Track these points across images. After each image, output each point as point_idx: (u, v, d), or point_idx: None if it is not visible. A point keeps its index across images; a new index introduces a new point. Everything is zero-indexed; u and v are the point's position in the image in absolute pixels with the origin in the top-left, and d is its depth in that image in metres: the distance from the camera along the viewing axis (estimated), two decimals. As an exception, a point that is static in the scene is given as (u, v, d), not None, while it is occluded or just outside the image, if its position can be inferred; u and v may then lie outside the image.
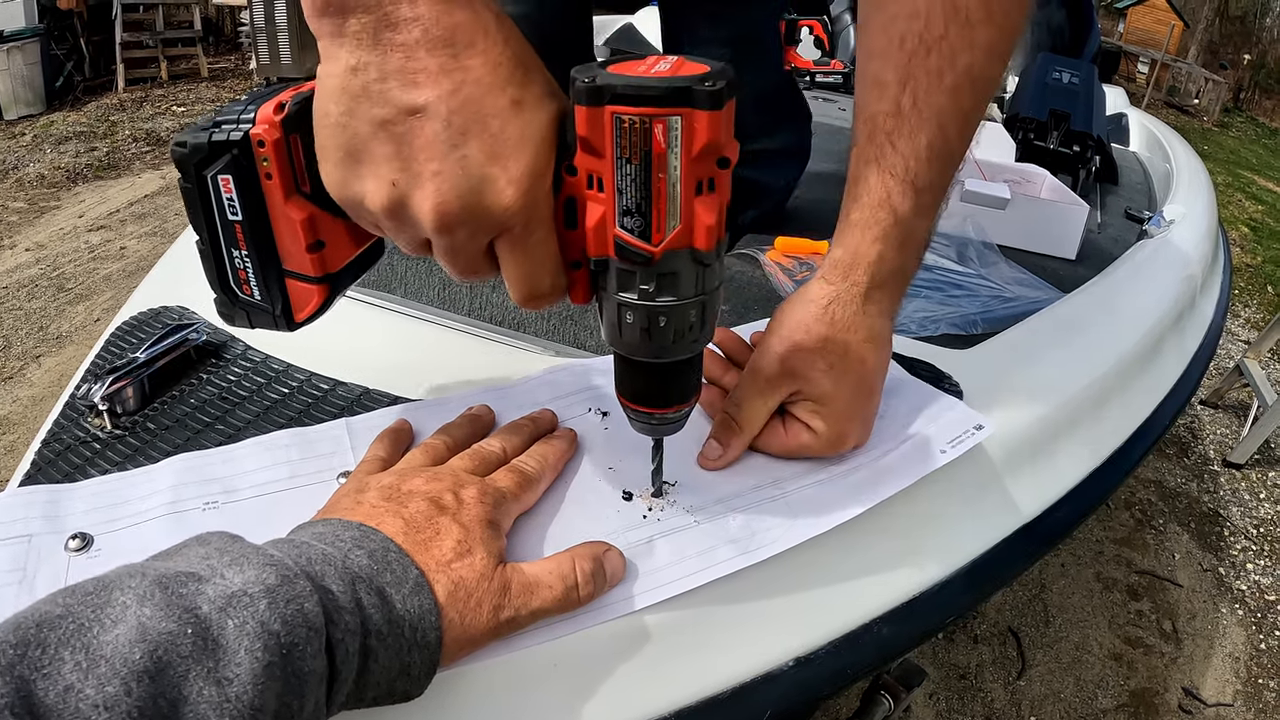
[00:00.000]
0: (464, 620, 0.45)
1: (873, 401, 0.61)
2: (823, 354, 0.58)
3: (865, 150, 0.59)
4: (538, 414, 0.64)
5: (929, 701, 1.80)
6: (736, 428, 0.60)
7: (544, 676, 0.50)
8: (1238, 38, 20.65)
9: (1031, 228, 1.18)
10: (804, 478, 0.60)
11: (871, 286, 0.59)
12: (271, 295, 0.52)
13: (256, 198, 0.48)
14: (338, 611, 0.39)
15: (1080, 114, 1.58)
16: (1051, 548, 0.81)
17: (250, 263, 0.51)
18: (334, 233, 0.51)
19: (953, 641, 1.94)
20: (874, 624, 0.60)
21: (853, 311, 0.59)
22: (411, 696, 0.44)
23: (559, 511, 0.56)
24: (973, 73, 0.55)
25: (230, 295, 0.53)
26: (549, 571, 0.49)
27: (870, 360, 0.60)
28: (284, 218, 0.49)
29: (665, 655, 0.53)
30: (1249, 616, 2.18)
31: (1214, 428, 3.01)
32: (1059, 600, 2.11)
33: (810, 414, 0.59)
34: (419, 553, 0.45)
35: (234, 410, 0.69)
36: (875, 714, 1.33)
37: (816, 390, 0.59)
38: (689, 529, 0.55)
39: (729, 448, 0.60)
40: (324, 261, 0.51)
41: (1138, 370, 0.96)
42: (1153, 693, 1.91)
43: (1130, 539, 2.37)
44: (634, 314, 0.47)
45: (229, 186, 0.48)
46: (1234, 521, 2.53)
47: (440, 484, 0.51)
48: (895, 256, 0.59)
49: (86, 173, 4.50)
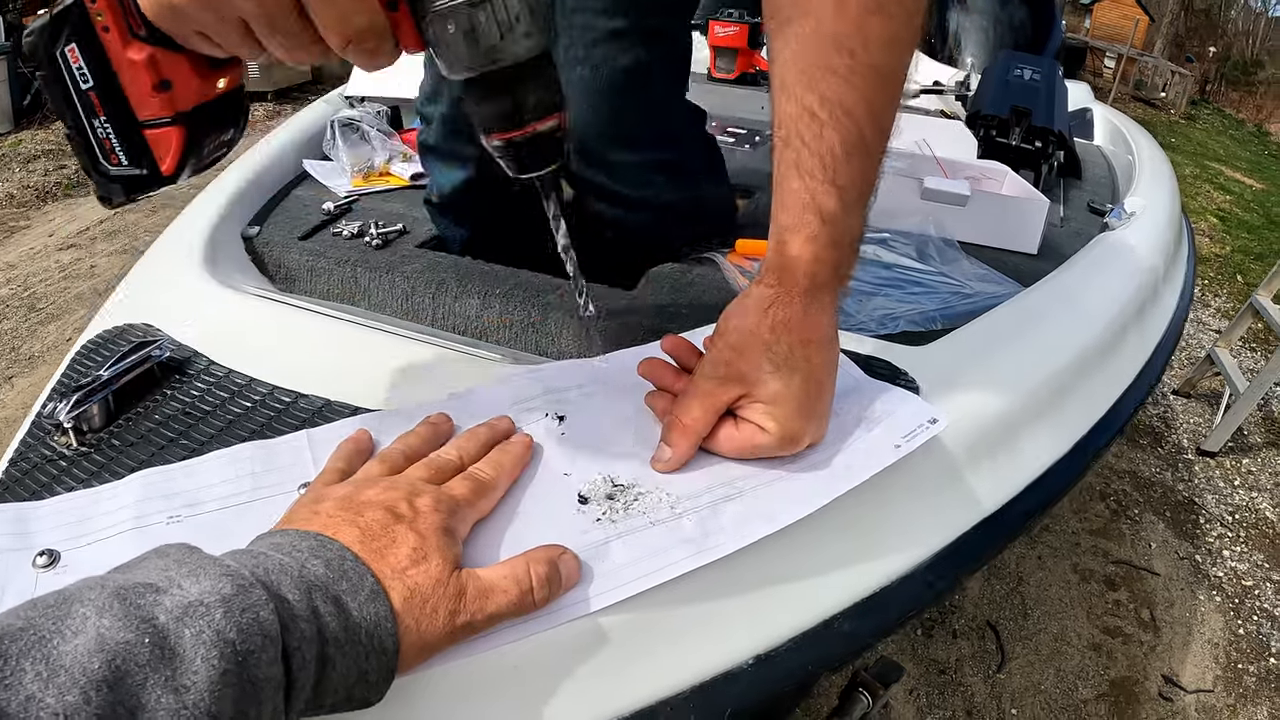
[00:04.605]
0: (420, 626, 0.45)
1: (823, 399, 0.62)
2: (768, 356, 0.59)
3: (784, 154, 0.59)
4: (494, 421, 0.64)
5: (909, 698, 1.81)
6: (683, 429, 0.60)
7: (503, 680, 0.50)
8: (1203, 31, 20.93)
9: (993, 224, 1.19)
10: (758, 477, 0.60)
11: (811, 287, 0.60)
12: (136, 154, 0.55)
13: (100, 56, 0.51)
14: (293, 619, 0.40)
15: (1042, 110, 1.59)
16: (1014, 540, 0.82)
17: (111, 126, 0.54)
18: (177, 70, 0.53)
19: (931, 637, 1.95)
20: (835, 620, 0.61)
21: (794, 312, 0.60)
22: (370, 703, 0.44)
23: (515, 517, 0.56)
24: (873, 64, 0.56)
25: (104, 174, 0.56)
26: (504, 576, 0.49)
27: (816, 359, 0.60)
28: (127, 66, 0.51)
29: (625, 656, 0.53)
30: (1227, 602, 2.21)
31: (1187, 417, 3.04)
32: (1036, 593, 2.12)
33: (762, 415, 0.60)
34: (375, 560, 0.46)
35: (197, 425, 0.70)
36: (854, 711, 1.34)
37: (765, 392, 0.59)
38: (643, 530, 0.55)
39: (677, 449, 0.61)
40: (173, 100, 0.53)
41: (1099, 361, 0.97)
42: (1132, 681, 1.93)
43: (1106, 529, 2.39)
44: (454, 21, 0.46)
45: (76, 55, 0.52)
46: (1209, 509, 2.55)
47: (396, 493, 0.51)
48: (829, 255, 0.60)
49: (56, 191, 4.45)
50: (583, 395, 0.68)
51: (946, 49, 2.45)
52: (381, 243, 1.13)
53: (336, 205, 1.27)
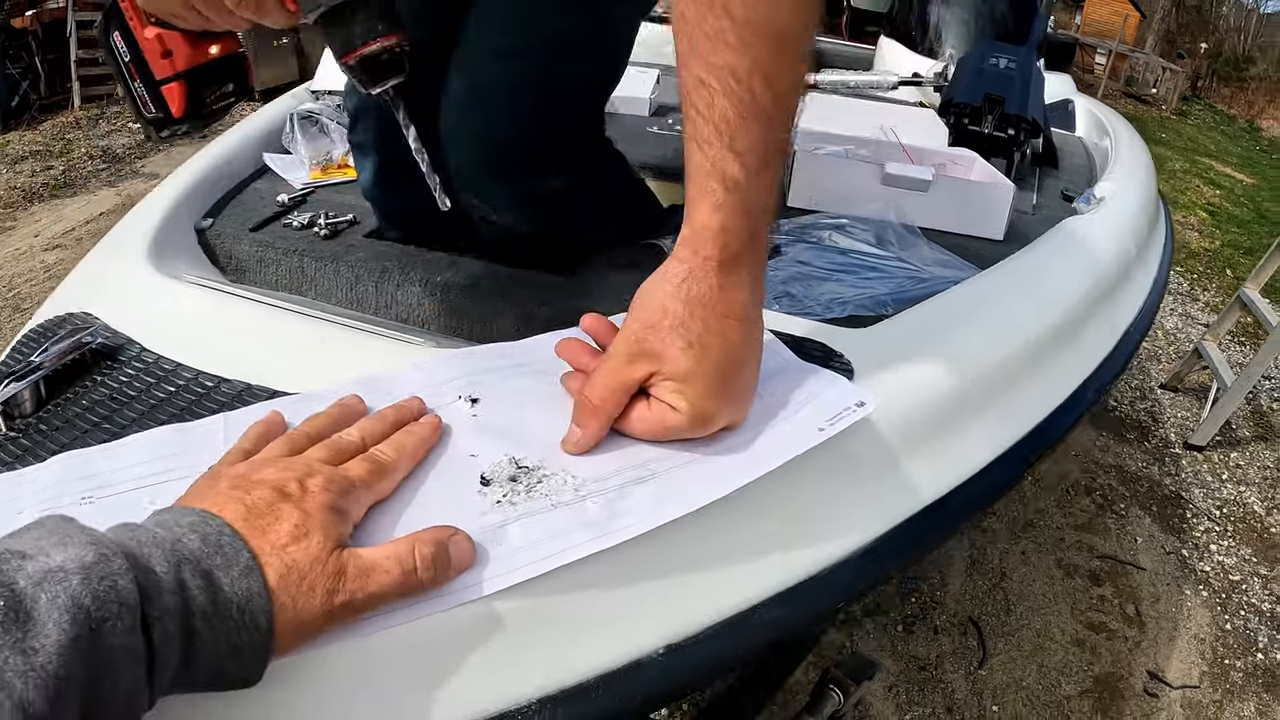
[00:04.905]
0: (297, 604, 0.45)
1: (740, 378, 0.60)
2: (679, 331, 0.57)
3: (686, 128, 0.59)
4: (404, 402, 0.63)
5: (888, 694, 1.78)
6: (592, 408, 0.59)
7: (392, 664, 0.49)
8: (1195, 27, 20.91)
9: (957, 209, 1.17)
10: (672, 459, 0.58)
11: (725, 259, 0.58)
12: (159, 103, 1.08)
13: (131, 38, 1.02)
14: (157, 591, 0.40)
15: (1016, 97, 1.57)
16: (961, 529, 0.80)
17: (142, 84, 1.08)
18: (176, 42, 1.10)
19: (912, 633, 1.92)
20: (757, 608, 0.59)
21: (708, 287, 0.58)
22: (249, 682, 0.44)
23: (415, 499, 0.55)
24: (752, 23, 0.54)
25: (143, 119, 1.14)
26: (386, 556, 0.48)
27: (732, 335, 0.58)
28: (145, 41, 1.10)
29: (526, 643, 0.52)
30: (1214, 597, 2.18)
31: (1174, 411, 3.02)
32: (1019, 588, 2.10)
33: (673, 394, 0.58)
34: (255, 537, 0.46)
35: (121, 410, 0.72)
36: (824, 708, 1.31)
37: (676, 369, 0.57)
38: (545, 513, 0.54)
39: (587, 430, 0.59)
40: (174, 64, 1.02)
41: (1057, 346, 0.95)
42: (1117, 677, 1.90)
43: (1091, 524, 2.36)
44: None
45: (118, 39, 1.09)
46: (1196, 503, 2.53)
47: (289, 473, 0.51)
48: (740, 225, 0.58)
49: (43, 192, 4.43)
50: (499, 378, 0.66)
51: (927, 41, 2.43)
52: (330, 233, 1.12)
53: (291, 197, 1.25)
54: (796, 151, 1.21)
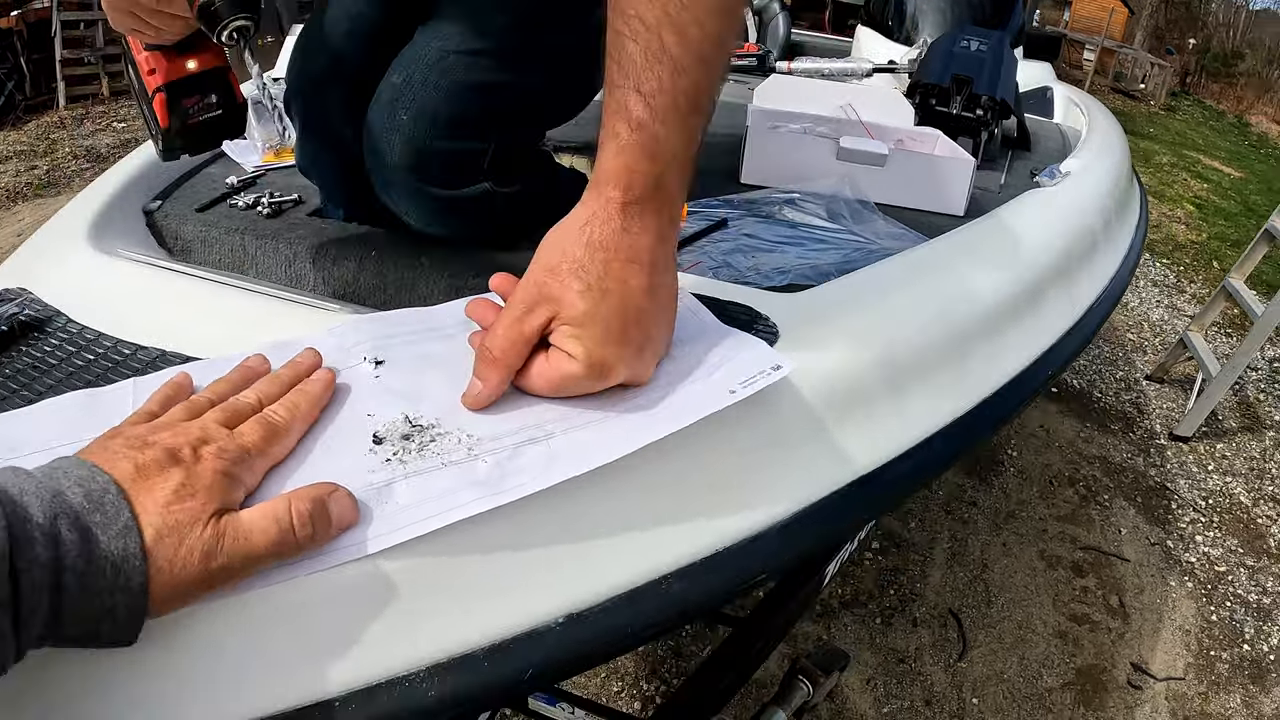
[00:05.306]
0: (173, 567, 0.44)
1: (641, 327, 0.57)
2: (578, 275, 0.56)
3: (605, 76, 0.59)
4: (298, 358, 0.61)
5: (865, 687, 1.76)
6: (491, 359, 0.57)
7: (273, 624, 0.48)
8: (1183, 23, 20.91)
9: (916, 185, 1.15)
10: (573, 419, 0.56)
11: (628, 202, 0.57)
12: (154, 117, 0.82)
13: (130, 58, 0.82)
14: (29, 541, 0.40)
15: (984, 79, 1.55)
16: (898, 503, 0.78)
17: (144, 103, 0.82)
18: (157, 60, 0.80)
19: (890, 625, 1.90)
20: (664, 580, 0.56)
21: (611, 230, 0.56)
22: (124, 642, 0.44)
23: (306, 459, 0.53)
24: None
25: (150, 134, 0.85)
26: (263, 515, 0.47)
27: (633, 282, 0.56)
28: (139, 62, 0.80)
29: (418, 608, 0.50)
30: (1199, 588, 2.16)
31: (1160, 402, 2.99)
32: (1001, 580, 2.07)
33: (569, 339, 0.56)
34: (140, 496, 0.45)
35: (39, 378, 0.72)
36: (793, 700, 1.29)
37: (573, 312, 0.56)
38: (434, 471, 0.51)
39: (487, 383, 0.57)
40: (156, 78, 0.80)
41: (1010, 319, 0.92)
42: (1100, 669, 1.88)
43: (1074, 515, 2.34)
44: None
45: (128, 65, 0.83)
46: (1182, 494, 2.50)
47: (183, 438, 0.50)
48: (646, 169, 0.57)
49: (27, 191, 4.44)
50: (407, 341, 0.64)
51: (904, 30, 2.42)
52: (272, 211, 1.10)
53: (240, 180, 1.23)
54: (749, 128, 1.19)
